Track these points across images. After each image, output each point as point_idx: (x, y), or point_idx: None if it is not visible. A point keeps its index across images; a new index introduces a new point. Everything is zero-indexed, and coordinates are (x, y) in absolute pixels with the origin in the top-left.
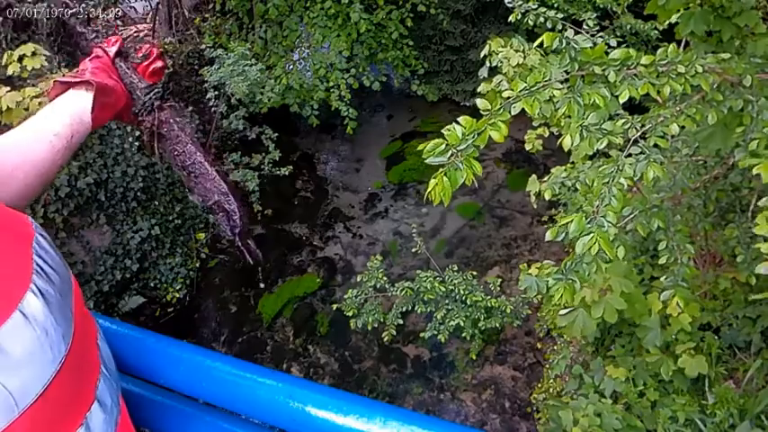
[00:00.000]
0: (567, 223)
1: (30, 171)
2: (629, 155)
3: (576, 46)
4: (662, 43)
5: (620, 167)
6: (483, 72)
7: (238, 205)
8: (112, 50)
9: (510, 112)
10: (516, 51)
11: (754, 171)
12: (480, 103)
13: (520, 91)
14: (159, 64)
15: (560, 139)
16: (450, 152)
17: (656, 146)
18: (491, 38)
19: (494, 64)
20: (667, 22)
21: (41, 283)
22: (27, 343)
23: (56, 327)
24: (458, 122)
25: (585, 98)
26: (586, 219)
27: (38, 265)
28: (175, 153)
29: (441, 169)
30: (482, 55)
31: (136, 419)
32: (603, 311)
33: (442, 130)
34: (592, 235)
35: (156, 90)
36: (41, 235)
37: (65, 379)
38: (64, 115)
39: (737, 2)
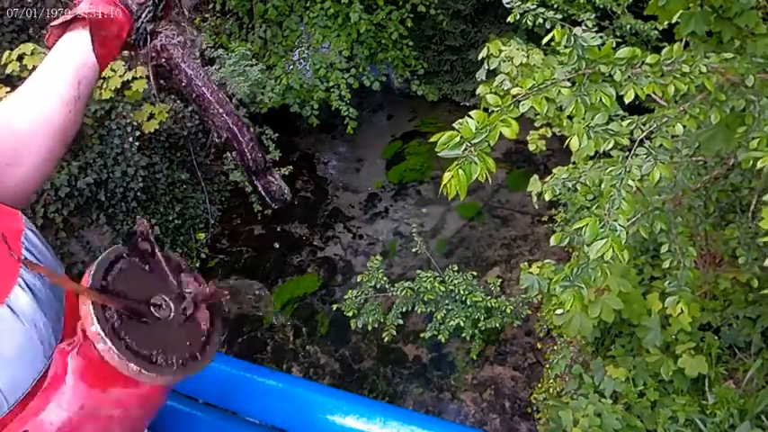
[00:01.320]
0: (581, 228)
1: (45, 131)
2: (634, 156)
3: (583, 44)
4: (662, 43)
5: (628, 169)
6: (481, 74)
7: (249, 142)
8: None
9: (519, 109)
10: (519, 50)
11: (759, 164)
12: (491, 98)
13: (529, 88)
14: None
15: (567, 141)
16: (464, 145)
17: (660, 146)
18: (490, 39)
19: (492, 66)
20: (667, 23)
21: (29, 277)
22: (16, 337)
23: (45, 321)
24: (470, 116)
25: (592, 97)
26: (600, 223)
27: (27, 259)
28: (182, 84)
29: (455, 162)
30: (480, 57)
31: None
32: (600, 311)
33: (455, 124)
34: (606, 240)
35: (147, 8)
36: (31, 230)
37: None
38: (64, 62)
39: (738, 2)
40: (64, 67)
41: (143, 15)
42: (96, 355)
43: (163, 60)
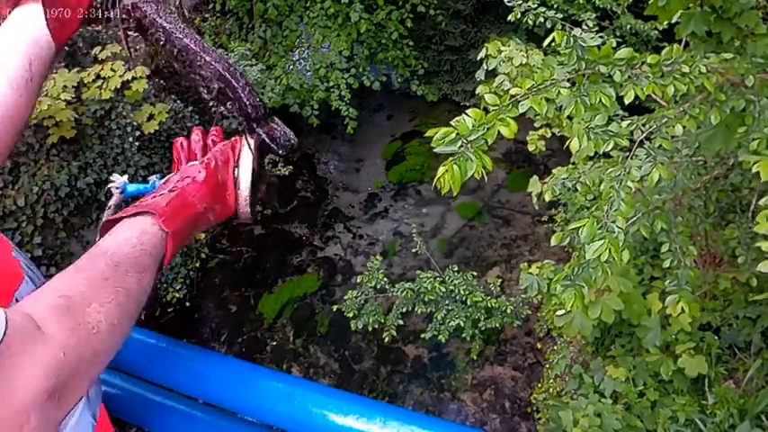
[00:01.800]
0: (579, 228)
1: None
2: (634, 157)
3: (583, 44)
4: (662, 43)
5: (628, 170)
6: (480, 75)
7: (244, 86)
8: None
9: (518, 109)
10: (519, 51)
11: (754, 169)
12: (489, 98)
13: (528, 89)
14: None
15: (567, 142)
16: (460, 142)
17: (660, 147)
18: (490, 39)
19: (491, 67)
20: (667, 23)
21: (33, 274)
22: None
23: None
24: (467, 114)
25: (592, 97)
26: (597, 224)
27: (25, 265)
28: (161, 43)
29: (450, 158)
30: (479, 58)
31: (136, 419)
32: (601, 312)
33: (452, 121)
34: (603, 241)
35: None
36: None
37: None
38: (13, 40)
39: (738, 2)
40: (13, 47)
41: None
42: (217, 177)
43: (134, 23)
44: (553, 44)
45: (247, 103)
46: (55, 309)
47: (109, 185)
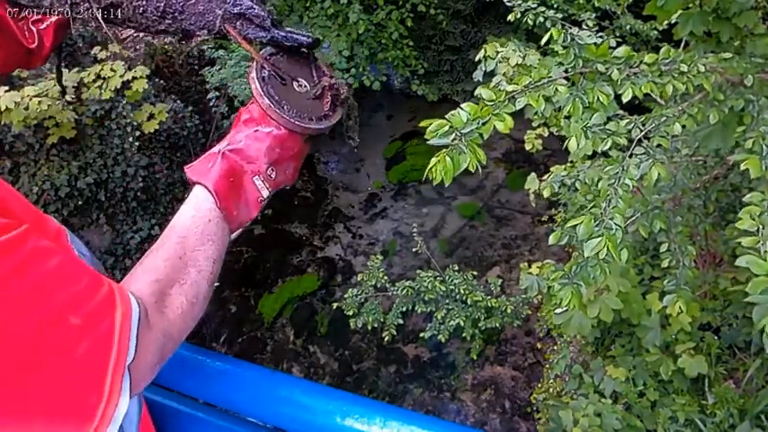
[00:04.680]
0: (576, 226)
1: None
2: (632, 155)
3: (580, 42)
4: (661, 43)
5: (626, 168)
6: (478, 76)
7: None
8: None
9: (515, 105)
10: (515, 51)
11: (743, 166)
12: (485, 93)
13: (525, 85)
14: None
15: (566, 142)
16: (454, 134)
17: (658, 146)
18: (489, 39)
19: (489, 68)
20: (666, 23)
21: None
22: None
23: None
24: (462, 108)
25: (589, 96)
26: (595, 221)
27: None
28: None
29: (443, 150)
30: (476, 59)
31: None
32: (599, 311)
33: (447, 115)
34: (600, 238)
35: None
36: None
37: None
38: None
39: (736, 2)
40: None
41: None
42: (258, 109)
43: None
44: (551, 42)
45: (261, 11)
46: (152, 295)
47: None
